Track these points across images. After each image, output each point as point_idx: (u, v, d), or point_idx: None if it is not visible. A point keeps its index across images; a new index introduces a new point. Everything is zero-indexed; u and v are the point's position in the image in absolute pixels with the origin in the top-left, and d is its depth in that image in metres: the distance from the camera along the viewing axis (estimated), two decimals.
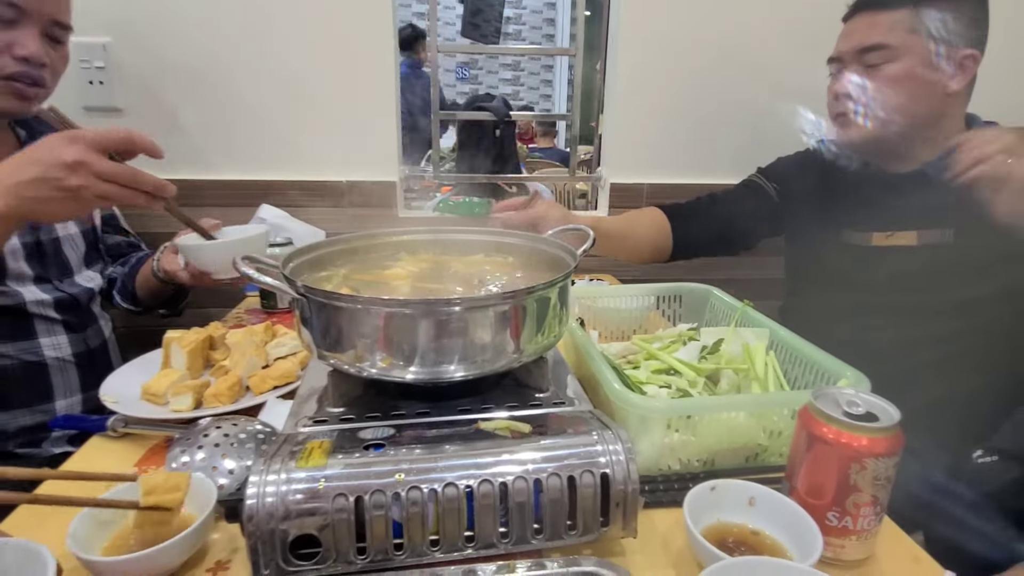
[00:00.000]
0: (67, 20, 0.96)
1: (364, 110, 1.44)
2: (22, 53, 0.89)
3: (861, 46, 1.02)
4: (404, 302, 0.56)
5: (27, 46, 0.89)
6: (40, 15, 0.90)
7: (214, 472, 0.59)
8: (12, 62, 0.89)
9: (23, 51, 0.89)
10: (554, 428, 0.55)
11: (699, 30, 1.48)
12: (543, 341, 0.62)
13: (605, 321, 0.99)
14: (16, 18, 0.88)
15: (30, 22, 0.89)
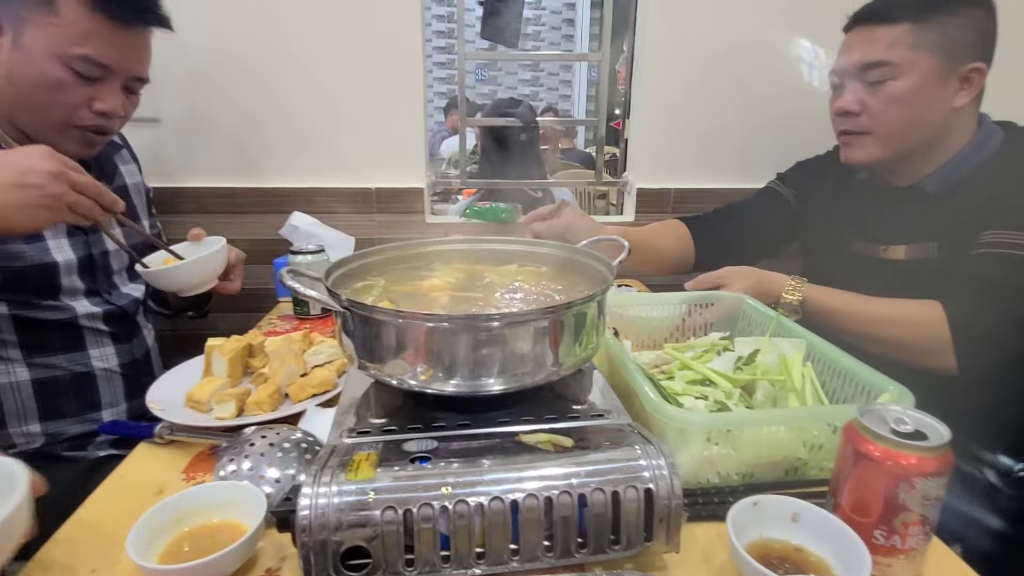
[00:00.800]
0: (147, 74, 0.98)
1: (392, 117, 1.45)
2: (101, 108, 0.90)
3: (862, 63, 0.98)
4: (446, 317, 0.57)
5: (107, 101, 0.91)
6: (126, 73, 0.93)
7: (260, 481, 0.60)
8: (90, 115, 0.91)
9: (102, 106, 0.90)
10: (596, 442, 0.56)
11: (726, 34, 1.47)
12: (582, 354, 0.63)
13: (636, 330, 0.99)
14: (102, 76, 0.89)
15: (114, 78, 0.91)
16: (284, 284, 0.60)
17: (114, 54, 0.89)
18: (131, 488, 0.66)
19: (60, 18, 0.85)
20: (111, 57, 0.89)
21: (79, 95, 0.89)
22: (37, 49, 0.85)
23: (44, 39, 0.85)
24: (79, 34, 0.86)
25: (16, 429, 0.95)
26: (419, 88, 1.45)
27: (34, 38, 0.85)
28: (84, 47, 0.86)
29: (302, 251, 1.21)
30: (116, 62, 0.90)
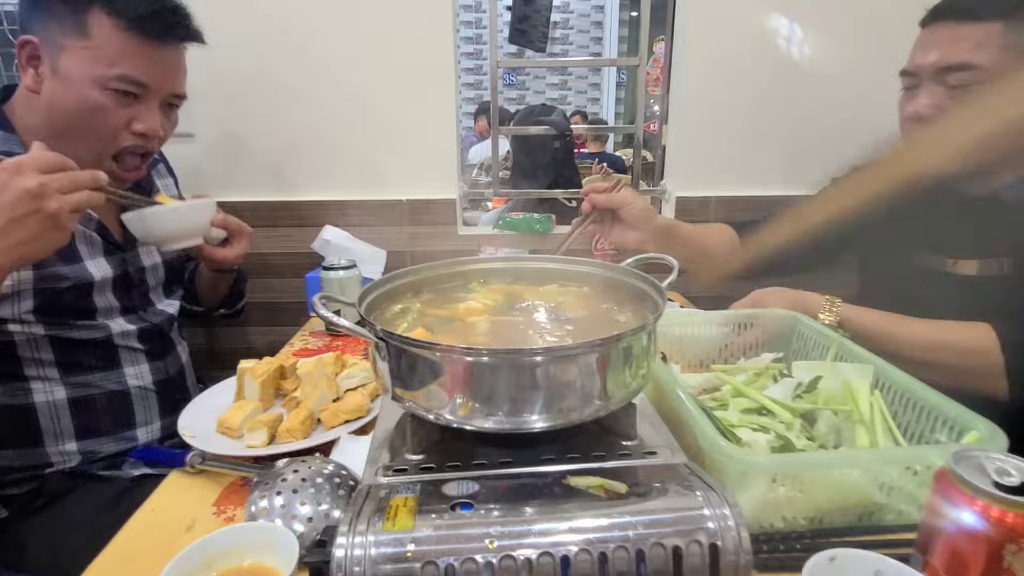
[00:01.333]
0: (184, 91, 0.98)
1: (424, 127, 1.43)
2: (140, 128, 0.90)
3: (942, 64, 0.89)
4: (486, 351, 0.53)
5: (146, 121, 0.90)
6: (163, 91, 0.92)
7: (292, 520, 0.57)
8: (130, 136, 0.90)
9: (142, 126, 0.90)
10: (652, 487, 0.51)
11: (766, 40, 1.40)
12: (632, 386, 0.58)
13: (681, 350, 0.94)
14: (139, 95, 0.89)
15: (151, 97, 0.91)
16: (317, 314, 0.57)
17: (150, 71, 0.89)
18: (162, 522, 0.64)
19: (93, 41, 0.85)
20: (147, 74, 0.88)
21: (119, 118, 0.89)
22: (74, 75, 0.85)
23: (80, 65, 0.85)
24: (113, 55, 0.86)
25: (53, 448, 0.95)
26: (451, 98, 1.42)
27: (70, 65, 0.85)
28: (119, 67, 0.86)
29: (334, 266, 1.19)
30: (152, 79, 0.90)
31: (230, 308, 1.29)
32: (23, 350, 0.91)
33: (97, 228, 0.97)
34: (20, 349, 0.91)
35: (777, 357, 0.88)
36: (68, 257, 0.92)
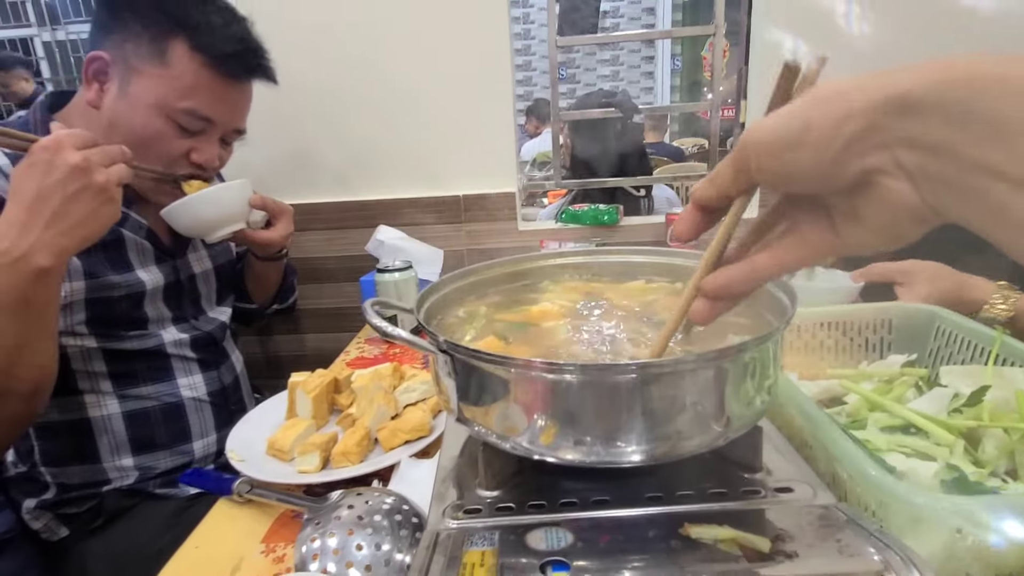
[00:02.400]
0: (245, 126, 0.96)
1: (479, 117, 1.34)
2: (199, 160, 0.88)
3: None
4: (576, 367, 0.42)
5: (205, 153, 0.89)
6: (226, 127, 0.91)
7: (348, 569, 0.48)
8: (187, 165, 0.89)
9: (200, 158, 0.88)
10: (803, 542, 0.39)
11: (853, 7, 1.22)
12: (757, 406, 0.46)
13: (790, 352, 0.80)
14: (203, 129, 0.87)
15: (214, 131, 0.89)
16: (369, 323, 0.48)
17: (218, 108, 0.87)
18: (207, 561, 0.57)
19: (171, 71, 0.83)
20: (215, 111, 0.87)
21: (178, 147, 0.87)
22: (142, 99, 0.83)
23: (151, 90, 0.83)
24: (186, 88, 0.84)
25: (110, 463, 0.92)
26: (507, 87, 1.32)
27: (141, 88, 0.83)
28: (190, 101, 0.84)
29: (388, 268, 1.11)
30: (219, 115, 0.88)
31: (282, 303, 1.26)
32: (76, 363, 0.88)
33: (147, 235, 0.93)
34: (73, 362, 0.88)
35: (910, 360, 0.74)
36: (119, 266, 0.89)
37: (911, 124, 0.26)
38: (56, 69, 3.92)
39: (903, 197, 0.28)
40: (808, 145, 0.29)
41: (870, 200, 0.29)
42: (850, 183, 0.29)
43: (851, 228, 0.31)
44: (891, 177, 0.28)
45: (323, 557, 0.50)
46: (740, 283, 0.36)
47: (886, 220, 0.29)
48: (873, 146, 0.27)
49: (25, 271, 0.64)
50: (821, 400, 0.70)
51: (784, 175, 0.31)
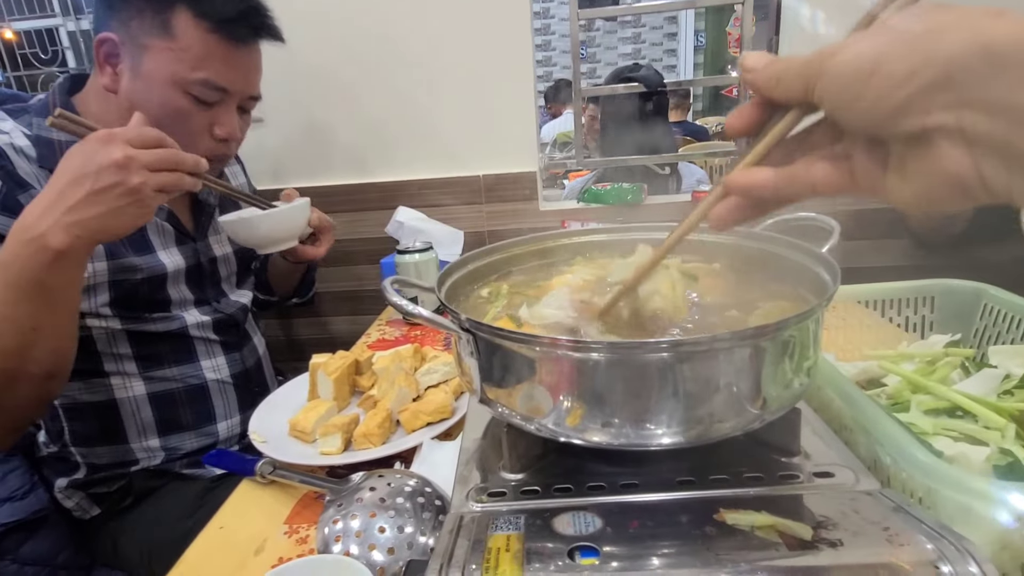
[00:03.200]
0: (259, 92, 0.95)
1: (499, 96, 1.31)
2: (221, 134, 0.87)
3: None
4: (603, 346, 0.40)
5: (225, 125, 0.87)
6: (242, 95, 0.89)
7: (371, 551, 0.48)
8: (211, 142, 0.88)
9: (222, 131, 0.87)
10: (847, 529, 0.36)
11: None
12: (795, 388, 0.44)
13: (826, 331, 0.77)
14: (220, 99, 0.86)
15: (230, 100, 0.88)
16: (389, 301, 0.46)
17: (232, 75, 0.86)
18: (231, 542, 0.57)
19: (177, 42, 0.81)
20: (229, 79, 0.85)
21: (200, 122, 0.86)
22: (156, 76, 0.82)
23: (163, 65, 0.82)
24: (196, 58, 0.82)
25: (137, 444, 0.93)
26: (528, 63, 1.29)
27: (153, 65, 0.82)
28: (202, 71, 0.83)
29: (408, 250, 1.10)
30: (233, 83, 0.86)
31: (302, 297, 1.26)
32: (102, 345, 0.89)
33: (167, 217, 0.93)
34: (99, 344, 0.88)
35: (953, 340, 0.70)
36: (141, 247, 0.90)
37: (997, 83, 0.23)
38: (81, 58, 3.96)
39: (955, 164, 0.25)
40: (874, 87, 0.26)
41: (920, 157, 0.26)
42: (906, 134, 0.26)
43: (895, 178, 0.28)
44: (949, 141, 0.25)
45: (345, 539, 0.49)
46: (769, 188, 0.32)
47: (929, 183, 0.27)
48: (941, 104, 0.25)
49: (40, 251, 0.63)
50: (858, 382, 0.67)
51: (843, 109, 0.28)
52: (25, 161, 0.79)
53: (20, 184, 0.77)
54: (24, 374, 0.68)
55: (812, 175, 0.31)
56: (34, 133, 0.82)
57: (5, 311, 0.64)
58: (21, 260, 0.63)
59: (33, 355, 0.68)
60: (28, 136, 0.81)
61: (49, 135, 0.82)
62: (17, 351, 0.66)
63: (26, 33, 3.92)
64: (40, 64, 3.91)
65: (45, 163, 0.80)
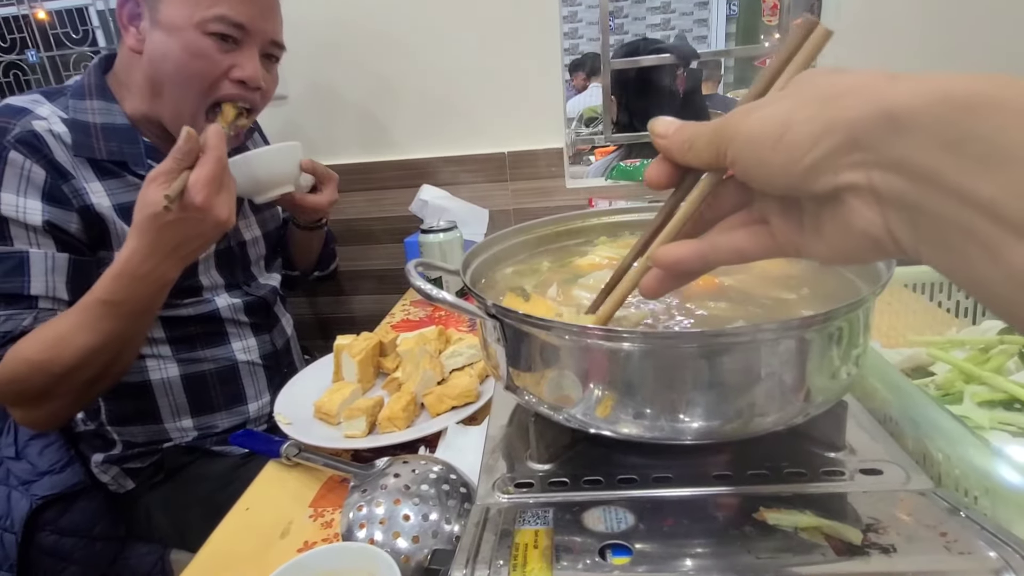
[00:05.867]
0: (282, 39, 0.93)
1: (525, 70, 1.27)
2: (240, 75, 0.85)
3: None
4: (638, 335, 0.38)
5: (246, 68, 0.85)
6: (262, 36, 0.87)
7: (395, 539, 0.47)
8: (231, 85, 0.86)
9: (241, 73, 0.85)
10: (901, 533, 0.34)
11: None
12: (842, 380, 0.41)
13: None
14: (240, 39, 0.84)
15: (251, 43, 0.86)
16: (412, 285, 0.45)
17: (247, 11, 0.84)
18: (257, 524, 0.57)
19: None
20: (245, 15, 0.83)
21: (219, 65, 0.84)
22: (175, 21, 0.81)
23: (179, 10, 0.81)
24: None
25: (171, 424, 0.95)
26: (555, 36, 1.24)
27: (170, 12, 0.81)
28: (218, 7, 0.81)
29: (433, 229, 1.08)
30: (251, 20, 0.84)
31: (324, 270, 1.26)
32: None
33: None
34: None
35: (1008, 326, 0.66)
36: None
37: (900, 144, 0.23)
38: (111, 37, 4.00)
39: (867, 223, 0.25)
40: (782, 151, 0.26)
41: (833, 216, 0.27)
42: (819, 194, 0.26)
43: (812, 237, 0.29)
44: (860, 200, 0.25)
45: (370, 526, 0.48)
46: (693, 262, 0.33)
47: (843, 240, 0.27)
48: (850, 164, 0.25)
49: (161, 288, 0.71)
50: (904, 370, 0.64)
51: (754, 172, 0.28)
52: (62, 148, 0.79)
53: (61, 173, 0.78)
54: (109, 375, 0.77)
55: (736, 242, 0.32)
56: (70, 116, 0.82)
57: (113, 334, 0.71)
58: (136, 295, 0.69)
59: (121, 359, 0.76)
60: (64, 120, 0.81)
61: (85, 118, 0.82)
62: (113, 361, 0.75)
63: (57, 13, 3.96)
64: (71, 44, 3.95)
65: (80, 151, 0.80)
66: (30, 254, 0.76)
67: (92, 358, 0.72)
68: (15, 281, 0.75)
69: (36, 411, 0.78)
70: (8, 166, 0.75)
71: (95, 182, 0.81)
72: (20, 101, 0.82)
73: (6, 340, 0.74)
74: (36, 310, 0.76)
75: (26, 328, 0.75)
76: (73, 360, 0.71)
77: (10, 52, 3.80)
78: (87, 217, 0.80)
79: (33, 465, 0.91)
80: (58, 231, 0.77)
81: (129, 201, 0.83)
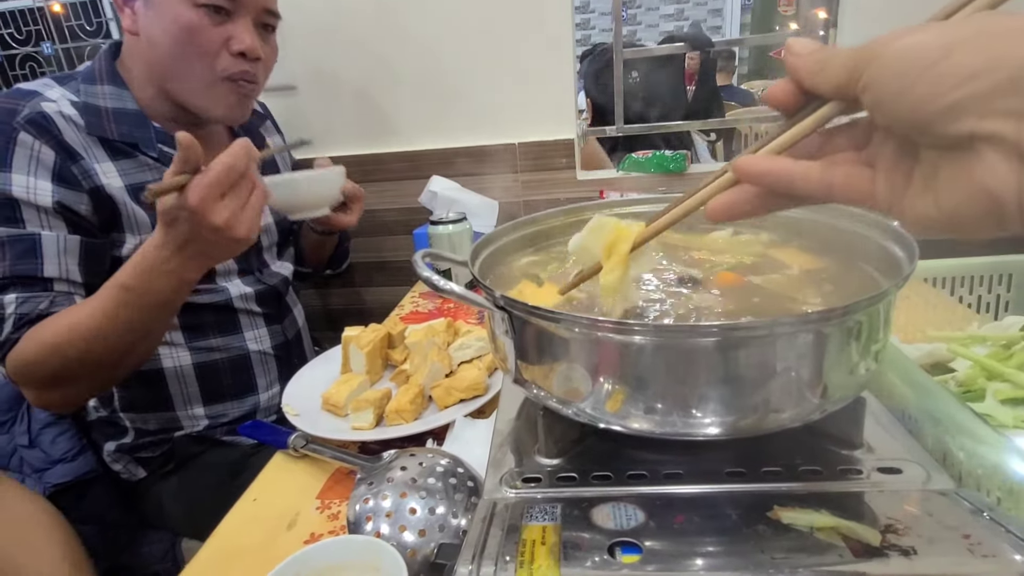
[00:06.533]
0: (276, 8, 0.91)
1: (536, 60, 1.25)
2: (239, 48, 0.84)
3: None
4: (650, 329, 0.37)
5: (243, 40, 0.84)
6: (254, 4, 0.85)
7: (402, 532, 0.46)
8: (230, 59, 0.84)
9: (240, 45, 0.84)
10: (921, 534, 0.33)
11: None
12: (861, 376, 0.40)
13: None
14: (232, 10, 0.83)
15: (244, 12, 0.84)
16: (420, 276, 0.44)
17: None
18: (263, 515, 0.57)
19: None
20: None
21: (215, 37, 0.83)
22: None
23: None
24: None
25: (183, 412, 0.95)
26: (566, 26, 1.22)
27: None
28: None
29: (442, 220, 1.07)
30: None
31: (336, 268, 1.26)
32: None
33: None
34: None
35: None
36: None
37: None
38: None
39: (997, 182, 0.22)
40: (930, 79, 0.23)
41: (957, 169, 0.24)
42: (950, 139, 0.23)
43: (921, 192, 0.26)
44: (998, 153, 0.22)
45: (376, 519, 0.48)
46: (784, 178, 0.29)
47: (959, 200, 0.24)
48: (1002, 110, 0.22)
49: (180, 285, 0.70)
50: (922, 366, 0.62)
51: (887, 102, 0.25)
52: (73, 129, 0.79)
53: (71, 154, 0.78)
54: (123, 365, 0.76)
55: (831, 176, 0.29)
56: (81, 100, 0.81)
57: (129, 324, 0.71)
58: (154, 287, 0.69)
59: (136, 351, 0.76)
60: (75, 104, 0.81)
61: (96, 102, 0.82)
62: (127, 351, 0.74)
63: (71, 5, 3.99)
64: (86, 36, 3.98)
65: (93, 130, 0.80)
66: (42, 236, 0.76)
67: (106, 345, 0.72)
68: (29, 263, 0.75)
69: (50, 393, 0.78)
70: (18, 147, 0.75)
71: (107, 162, 0.81)
72: (30, 85, 0.82)
73: (23, 322, 0.74)
74: (52, 293, 0.76)
75: (43, 311, 0.75)
76: (87, 345, 0.71)
77: (25, 44, 3.83)
78: (97, 198, 0.79)
79: (46, 453, 0.92)
80: (69, 212, 0.77)
81: (141, 181, 0.83)
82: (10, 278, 0.75)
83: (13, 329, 0.73)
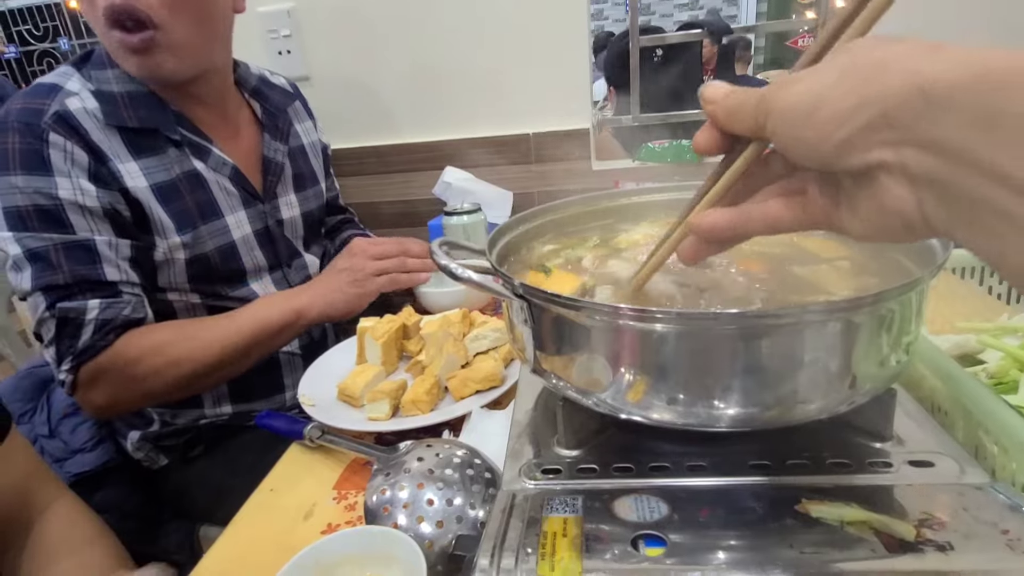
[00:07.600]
0: None
1: (551, 49, 1.23)
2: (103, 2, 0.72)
3: None
4: (672, 316, 0.36)
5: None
6: None
7: (419, 524, 0.46)
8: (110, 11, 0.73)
9: None
10: (957, 530, 0.32)
11: None
12: (892, 367, 0.39)
13: None
14: None
15: None
16: (437, 264, 0.43)
17: None
18: (280, 506, 0.57)
19: None
20: None
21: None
22: None
23: None
24: None
25: (210, 410, 0.94)
26: (581, 15, 1.20)
27: None
28: None
29: (457, 211, 1.06)
30: None
31: None
32: (181, 316, 0.89)
33: (232, 174, 0.89)
34: (179, 315, 0.89)
35: None
36: (208, 213, 0.87)
37: (932, 122, 0.22)
38: None
39: (898, 202, 0.25)
40: (814, 125, 0.26)
41: (867, 194, 0.26)
42: (852, 171, 0.26)
43: (847, 213, 0.28)
44: (891, 178, 0.25)
45: (393, 510, 0.48)
46: (726, 231, 0.32)
47: (877, 218, 0.27)
48: (881, 141, 0.24)
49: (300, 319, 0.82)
50: (958, 354, 0.60)
51: (790, 146, 0.28)
52: (96, 126, 0.77)
53: (99, 156, 0.76)
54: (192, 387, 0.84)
55: (767, 213, 0.31)
56: (95, 87, 0.79)
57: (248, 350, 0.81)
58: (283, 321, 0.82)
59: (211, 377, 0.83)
60: (93, 93, 0.79)
61: (109, 87, 0.80)
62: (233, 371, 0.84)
63: None
64: None
65: (112, 120, 0.78)
66: (96, 241, 0.75)
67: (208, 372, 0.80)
68: (89, 268, 0.74)
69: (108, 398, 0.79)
70: (52, 148, 0.73)
71: (130, 162, 0.79)
72: (50, 78, 0.80)
73: (108, 329, 0.74)
74: (132, 297, 0.77)
75: (128, 316, 0.75)
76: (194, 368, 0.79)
77: (43, 40, 3.87)
78: (127, 200, 0.78)
79: (66, 443, 0.92)
80: (114, 212, 0.77)
81: (166, 180, 0.81)
82: (73, 284, 0.73)
83: (100, 335, 0.74)
